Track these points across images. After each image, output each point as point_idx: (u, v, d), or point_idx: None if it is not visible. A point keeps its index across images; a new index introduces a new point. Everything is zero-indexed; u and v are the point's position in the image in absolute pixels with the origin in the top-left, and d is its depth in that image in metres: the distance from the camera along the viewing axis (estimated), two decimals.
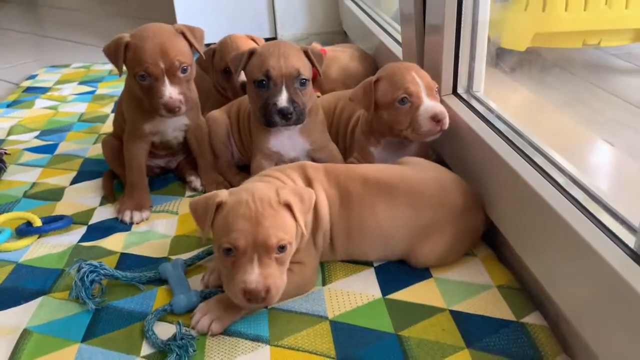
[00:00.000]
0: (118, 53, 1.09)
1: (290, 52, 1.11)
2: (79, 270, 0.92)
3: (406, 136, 1.11)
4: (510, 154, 0.93)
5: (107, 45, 1.12)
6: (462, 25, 1.11)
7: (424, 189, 0.96)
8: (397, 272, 0.97)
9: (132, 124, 1.19)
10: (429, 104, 1.08)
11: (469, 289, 0.92)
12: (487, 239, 1.04)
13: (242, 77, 1.40)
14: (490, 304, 0.88)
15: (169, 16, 3.21)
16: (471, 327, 0.84)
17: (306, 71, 1.12)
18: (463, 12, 1.10)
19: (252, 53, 1.13)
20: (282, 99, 1.09)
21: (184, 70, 1.11)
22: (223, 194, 0.84)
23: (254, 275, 0.79)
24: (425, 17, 1.23)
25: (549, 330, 0.82)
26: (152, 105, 1.11)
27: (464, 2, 1.09)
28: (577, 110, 1.58)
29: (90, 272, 0.92)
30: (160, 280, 0.97)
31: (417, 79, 1.09)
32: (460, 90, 1.18)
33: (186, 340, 0.80)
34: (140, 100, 1.15)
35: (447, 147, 1.17)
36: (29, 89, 2.06)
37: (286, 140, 1.17)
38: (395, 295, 0.91)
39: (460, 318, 0.86)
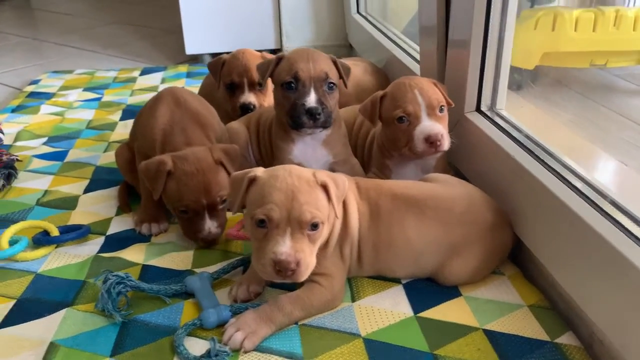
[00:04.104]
0: (159, 179, 1.05)
1: (319, 57, 1.13)
2: (105, 282, 0.90)
3: (404, 154, 1.12)
4: (541, 171, 0.93)
5: (146, 165, 1.07)
6: (488, 42, 1.11)
7: (454, 206, 0.96)
8: (425, 290, 0.96)
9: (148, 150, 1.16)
10: (426, 125, 1.08)
11: (500, 307, 0.91)
12: (511, 258, 1.04)
13: (243, 99, 1.41)
14: (523, 324, 0.88)
15: (170, 25, 3.21)
16: (506, 347, 0.83)
17: (334, 76, 1.13)
18: (490, 29, 1.10)
19: (280, 58, 1.14)
20: (311, 99, 1.09)
21: (224, 202, 1.08)
22: (258, 170, 0.86)
23: (285, 247, 0.80)
24: (447, 31, 1.23)
25: (584, 352, 0.82)
26: (187, 234, 1.10)
27: (491, 18, 1.09)
28: (586, 128, 1.59)
29: (117, 283, 0.89)
30: (186, 294, 0.95)
31: (418, 98, 1.09)
32: (483, 108, 1.18)
33: (221, 357, 0.78)
34: None
35: (470, 164, 1.17)
36: (32, 94, 2.03)
37: (309, 151, 1.17)
38: (427, 313, 0.90)
39: (494, 337, 0.85)
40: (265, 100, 1.45)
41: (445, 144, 1.08)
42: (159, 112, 1.18)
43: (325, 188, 0.85)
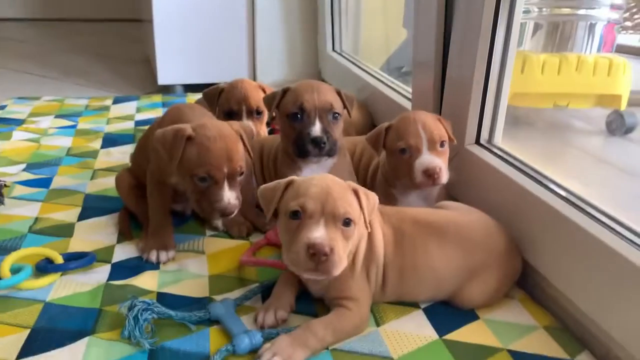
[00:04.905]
0: (177, 146, 1.02)
1: (323, 87, 1.17)
2: (131, 308, 0.87)
3: (405, 183, 1.17)
4: (549, 197, 0.99)
5: (163, 133, 1.04)
6: (489, 79, 1.18)
7: (472, 232, 1.00)
8: (445, 313, 0.99)
9: (159, 174, 1.14)
10: (425, 158, 1.12)
11: (517, 329, 0.95)
12: (516, 283, 1.08)
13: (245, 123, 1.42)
14: (542, 344, 0.92)
15: (133, 55, 3.18)
16: None
17: (338, 106, 1.17)
18: (492, 67, 1.17)
19: (285, 91, 1.17)
20: (316, 129, 1.13)
21: (242, 174, 1.07)
22: (293, 176, 0.91)
23: (319, 233, 0.82)
24: (445, 67, 1.30)
25: None
26: (202, 207, 1.06)
27: (493, 56, 1.17)
28: (559, 164, 1.69)
29: (144, 310, 0.87)
30: (210, 320, 0.93)
31: (421, 132, 1.14)
32: (482, 141, 1.24)
33: None
34: None
35: (471, 193, 1.21)
36: (0, 120, 1.95)
37: None
38: (451, 336, 0.93)
39: (519, 357, 0.88)
40: (261, 128, 1.46)
41: (444, 177, 1.13)
42: (169, 113, 1.17)
43: (356, 194, 0.89)
